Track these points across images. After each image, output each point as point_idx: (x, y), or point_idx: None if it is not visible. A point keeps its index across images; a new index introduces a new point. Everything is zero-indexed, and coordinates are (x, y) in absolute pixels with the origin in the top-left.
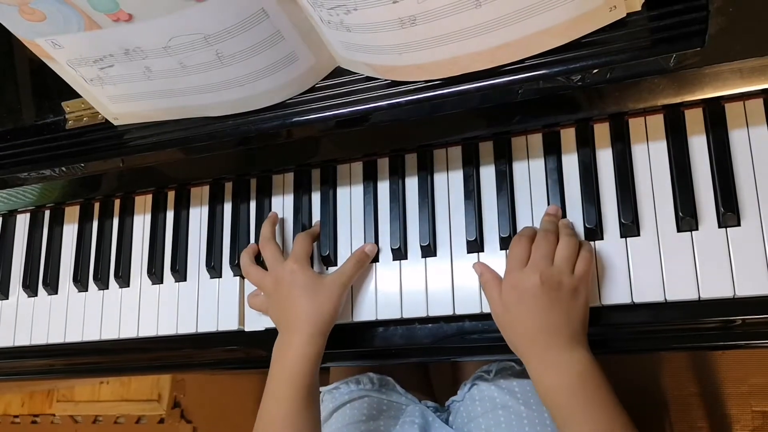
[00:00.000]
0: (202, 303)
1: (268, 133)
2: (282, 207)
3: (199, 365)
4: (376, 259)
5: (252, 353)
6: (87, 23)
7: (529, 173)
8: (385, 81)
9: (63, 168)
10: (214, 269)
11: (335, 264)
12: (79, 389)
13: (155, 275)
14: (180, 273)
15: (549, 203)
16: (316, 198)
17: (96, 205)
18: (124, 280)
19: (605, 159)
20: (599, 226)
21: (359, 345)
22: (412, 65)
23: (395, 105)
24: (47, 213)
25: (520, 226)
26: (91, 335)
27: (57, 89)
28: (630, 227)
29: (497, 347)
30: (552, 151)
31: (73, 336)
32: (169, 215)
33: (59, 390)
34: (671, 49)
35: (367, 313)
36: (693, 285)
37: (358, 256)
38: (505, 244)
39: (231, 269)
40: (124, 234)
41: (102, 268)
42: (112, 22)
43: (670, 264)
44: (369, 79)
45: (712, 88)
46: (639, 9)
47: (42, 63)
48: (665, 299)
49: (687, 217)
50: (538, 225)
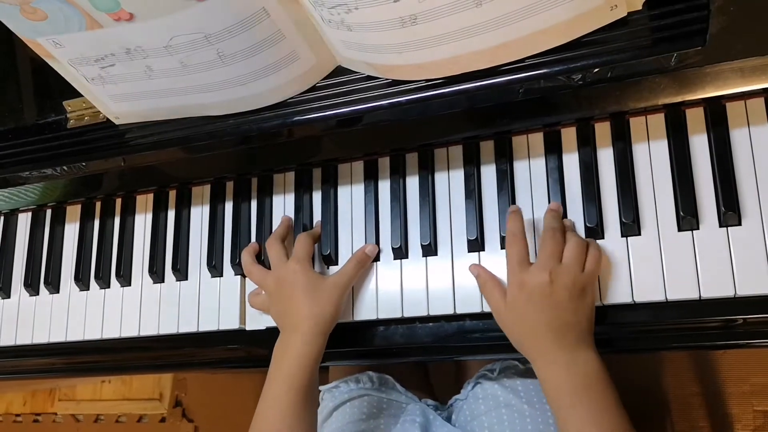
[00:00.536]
0: (203, 302)
1: (268, 133)
2: (283, 206)
3: (201, 364)
4: (377, 258)
5: (253, 352)
6: (88, 22)
7: (530, 172)
8: (386, 80)
9: (64, 167)
10: (215, 268)
11: (336, 263)
12: (81, 388)
13: (156, 274)
14: (181, 272)
15: (550, 202)
16: (317, 197)
17: (97, 205)
18: (125, 279)
19: (606, 158)
20: (600, 225)
21: (360, 344)
22: (412, 64)
23: (396, 104)
24: (49, 212)
25: None
26: (93, 334)
27: (58, 88)
28: (631, 226)
29: (498, 346)
30: (553, 151)
31: (75, 335)
32: (170, 214)
33: (61, 389)
34: (672, 48)
35: (368, 312)
36: (694, 284)
37: (358, 257)
38: None
39: (232, 268)
40: (125, 233)
41: (103, 267)
42: (113, 21)
43: (671, 263)
44: (369, 79)
45: (713, 87)
46: (640, 8)
47: (43, 62)
48: (666, 299)
49: (688, 217)
50: (539, 224)
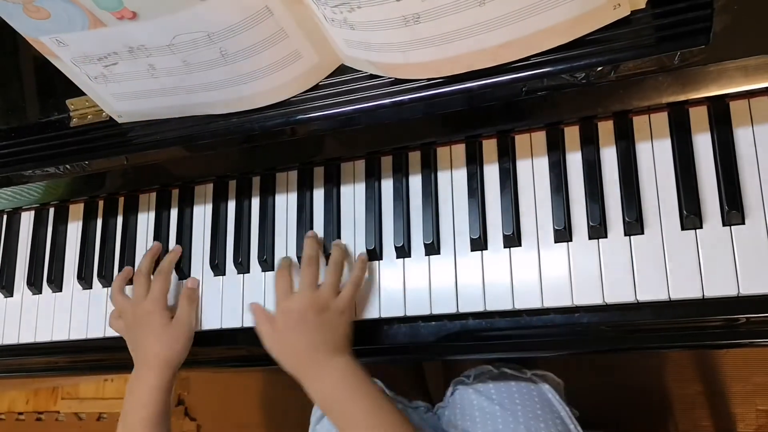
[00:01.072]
0: (205, 301)
1: (271, 131)
2: (285, 205)
3: (203, 363)
4: (379, 257)
5: (255, 351)
6: (91, 21)
7: (533, 171)
8: (389, 79)
9: (67, 166)
10: (217, 267)
11: None
12: (84, 386)
13: None
14: (184, 271)
15: (553, 201)
16: (319, 196)
17: (100, 203)
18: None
19: (609, 157)
20: (603, 224)
21: (362, 343)
22: (415, 63)
23: (398, 103)
24: (51, 211)
25: (523, 224)
26: (96, 333)
27: (61, 87)
28: (634, 225)
29: (501, 345)
30: (556, 149)
31: (78, 333)
32: (173, 213)
33: (64, 387)
34: (676, 47)
35: (371, 311)
36: (697, 283)
37: (186, 293)
38: (509, 242)
39: (234, 267)
40: (128, 232)
41: (106, 265)
42: (116, 20)
43: (674, 262)
44: (372, 77)
45: (716, 85)
46: (643, 6)
47: (46, 61)
48: (669, 297)
49: (691, 215)
50: (541, 224)
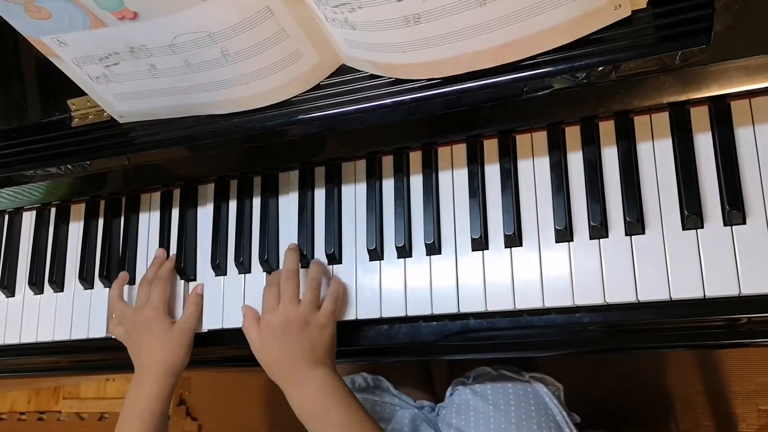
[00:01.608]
0: (207, 300)
1: (272, 131)
2: (287, 205)
3: (204, 363)
4: (381, 257)
5: None
6: (92, 21)
7: (534, 171)
8: (390, 79)
9: (69, 166)
10: (219, 267)
11: (340, 262)
12: (85, 386)
13: None
14: (186, 271)
15: (554, 201)
16: (320, 196)
17: (102, 203)
18: (130, 277)
19: (610, 157)
20: (604, 224)
21: (363, 342)
22: (416, 63)
23: (399, 103)
24: (53, 211)
25: (524, 223)
26: (97, 332)
27: (62, 87)
28: (635, 225)
29: (502, 345)
30: (557, 149)
31: (79, 333)
32: (175, 213)
33: (65, 387)
34: (677, 47)
35: (372, 311)
36: (698, 283)
37: (193, 299)
38: (510, 242)
39: (236, 267)
40: (129, 232)
41: (108, 265)
42: (117, 20)
43: (675, 262)
44: (373, 77)
45: (717, 85)
46: (644, 6)
47: (48, 61)
48: (670, 297)
49: (692, 215)
50: (542, 224)
